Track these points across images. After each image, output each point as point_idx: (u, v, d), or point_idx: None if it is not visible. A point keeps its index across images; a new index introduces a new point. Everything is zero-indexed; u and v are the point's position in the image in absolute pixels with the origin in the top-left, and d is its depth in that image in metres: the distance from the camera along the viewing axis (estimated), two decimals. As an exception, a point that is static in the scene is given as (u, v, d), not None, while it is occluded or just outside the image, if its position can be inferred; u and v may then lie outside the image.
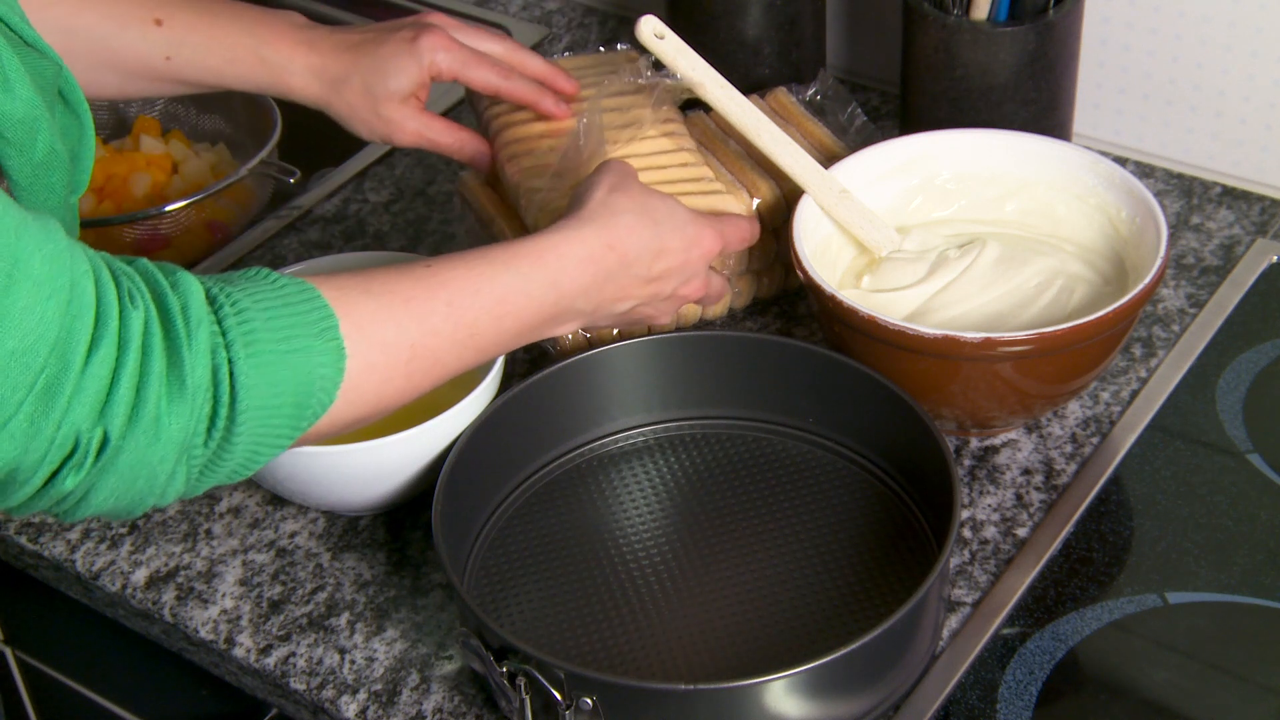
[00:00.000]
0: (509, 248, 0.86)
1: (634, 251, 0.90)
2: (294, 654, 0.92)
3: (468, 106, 1.36)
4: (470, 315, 0.83)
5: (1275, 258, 1.13)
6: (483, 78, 1.06)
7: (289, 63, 1.03)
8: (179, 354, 0.70)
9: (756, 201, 1.07)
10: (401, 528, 0.99)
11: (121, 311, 0.70)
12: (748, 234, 0.99)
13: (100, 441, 0.69)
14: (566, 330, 0.91)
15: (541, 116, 1.10)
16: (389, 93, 1.03)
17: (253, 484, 1.02)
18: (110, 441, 0.69)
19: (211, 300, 0.73)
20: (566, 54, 1.20)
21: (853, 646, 0.79)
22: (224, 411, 0.72)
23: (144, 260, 0.74)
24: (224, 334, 0.72)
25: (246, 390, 0.72)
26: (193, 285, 0.73)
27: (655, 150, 1.06)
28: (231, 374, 0.72)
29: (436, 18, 1.06)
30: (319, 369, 0.75)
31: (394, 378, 0.80)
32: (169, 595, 0.96)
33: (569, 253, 0.87)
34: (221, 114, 1.43)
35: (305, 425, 0.76)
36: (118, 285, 0.70)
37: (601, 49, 1.21)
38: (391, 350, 0.79)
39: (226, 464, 0.74)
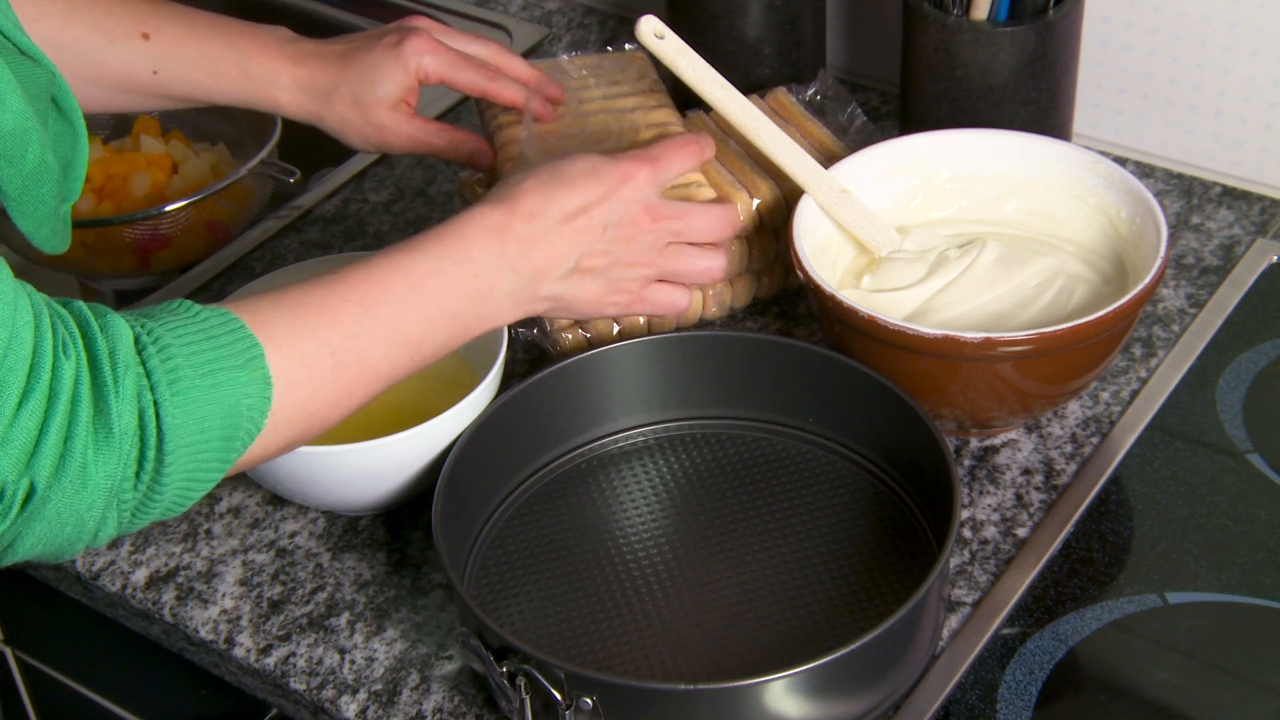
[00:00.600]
0: (414, 237, 0.87)
1: (537, 204, 0.89)
2: (294, 654, 0.92)
3: (470, 106, 1.36)
4: (387, 309, 0.83)
5: (1275, 258, 1.13)
6: (469, 80, 1.06)
7: (275, 77, 1.03)
8: (106, 402, 0.71)
9: (756, 201, 1.07)
10: (401, 528, 0.99)
11: (55, 363, 0.69)
12: (693, 149, 0.97)
13: (26, 492, 0.69)
14: (518, 313, 0.91)
15: (539, 117, 1.10)
16: (378, 100, 1.03)
17: (253, 484, 1.02)
18: (37, 491, 0.69)
19: (138, 341, 0.73)
20: (573, 53, 1.20)
21: (853, 646, 0.79)
22: (151, 454, 0.72)
23: (79, 303, 0.74)
24: (149, 375, 0.72)
25: (173, 430, 0.72)
26: (121, 329, 0.73)
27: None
28: (158, 416, 0.72)
29: (421, 21, 1.07)
30: (244, 399, 0.75)
31: (321, 389, 0.80)
32: (169, 595, 0.96)
33: (472, 224, 0.88)
34: (221, 114, 1.43)
35: (235, 455, 0.76)
36: (54, 333, 0.70)
37: (609, 48, 1.21)
38: (314, 363, 0.79)
39: (159, 504, 0.74)
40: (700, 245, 0.98)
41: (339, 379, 0.80)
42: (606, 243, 0.92)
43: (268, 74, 1.03)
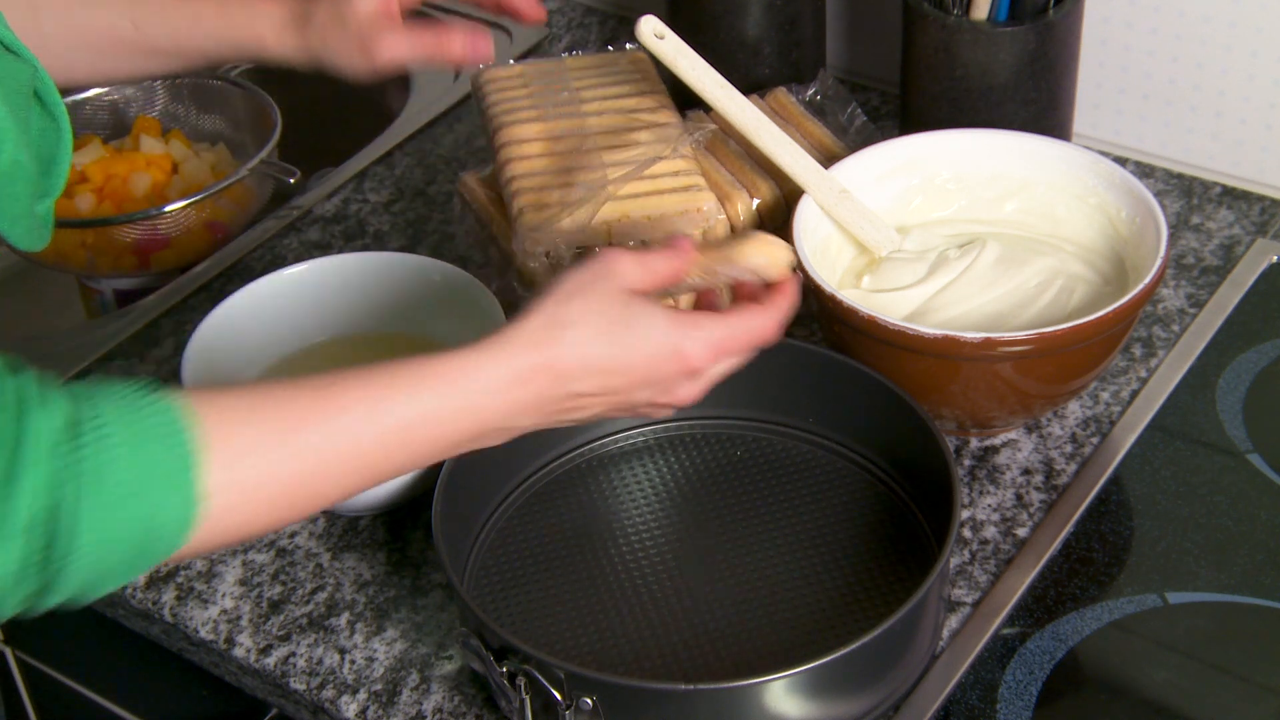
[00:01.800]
0: (422, 367, 0.77)
1: (576, 369, 0.79)
2: (294, 654, 0.92)
3: (470, 106, 1.37)
4: (365, 445, 0.75)
5: (1275, 258, 1.13)
6: None
7: (254, 12, 1.00)
8: (12, 488, 0.66)
9: (756, 201, 1.07)
10: (401, 528, 0.99)
11: None
12: (760, 334, 0.83)
13: None
14: (503, 440, 0.81)
15: (539, 116, 1.10)
16: (357, 10, 0.99)
17: (253, 484, 1.02)
18: None
19: (72, 428, 0.68)
20: (573, 53, 1.20)
21: (853, 646, 0.79)
22: (58, 549, 0.67)
23: (25, 376, 0.70)
24: (75, 464, 0.67)
25: (81, 532, 0.67)
26: (52, 416, 0.68)
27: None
28: (70, 512, 0.67)
29: None
30: (160, 517, 0.69)
31: (258, 519, 0.73)
32: (169, 595, 0.96)
33: (491, 375, 0.77)
34: (221, 114, 1.43)
35: (148, 565, 0.71)
36: None
37: (609, 48, 1.21)
38: (264, 489, 0.72)
39: (59, 594, 0.70)
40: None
41: (278, 509, 0.73)
42: (638, 405, 0.84)
43: (247, 11, 1.00)
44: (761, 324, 0.82)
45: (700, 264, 0.85)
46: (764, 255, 0.85)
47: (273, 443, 0.72)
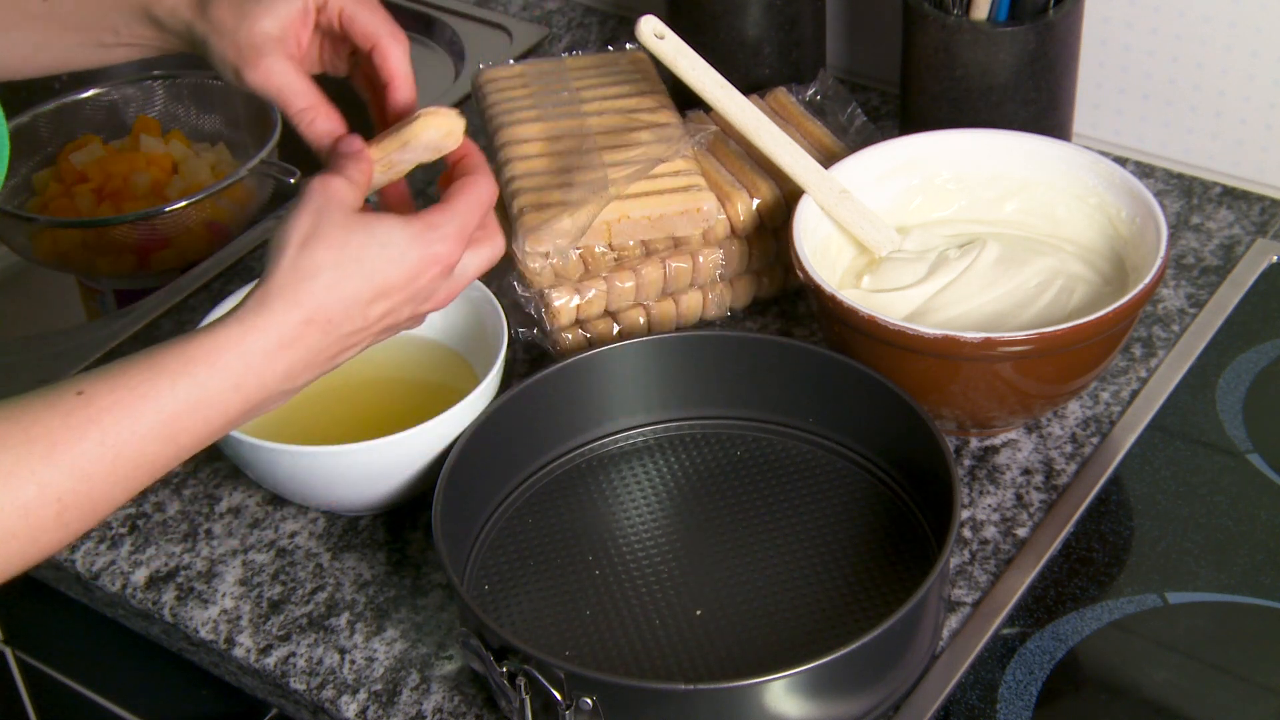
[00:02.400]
0: (182, 351, 0.74)
1: (340, 312, 0.78)
2: (294, 654, 0.92)
3: (469, 106, 1.37)
4: (133, 447, 0.72)
5: (1275, 258, 1.13)
6: (367, 24, 0.92)
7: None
8: None
9: (756, 201, 1.07)
10: (401, 528, 0.99)
11: None
12: (485, 199, 0.84)
13: None
14: (285, 401, 0.80)
15: (539, 116, 1.10)
16: (261, 17, 0.90)
17: (253, 484, 1.02)
18: None
19: None
20: (573, 53, 1.20)
21: (853, 646, 0.79)
22: None
23: None
24: None
25: None
26: None
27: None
28: None
29: None
30: None
31: (42, 536, 0.71)
32: (169, 595, 0.96)
33: (253, 347, 0.75)
34: (221, 114, 1.43)
35: None
36: None
37: (609, 48, 1.21)
38: (35, 511, 0.70)
39: None
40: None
41: (63, 522, 0.71)
42: (400, 321, 0.83)
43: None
44: (480, 190, 0.84)
45: (380, 160, 0.86)
46: (436, 128, 0.86)
47: (32, 463, 0.69)
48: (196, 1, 0.92)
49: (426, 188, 1.29)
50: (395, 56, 0.93)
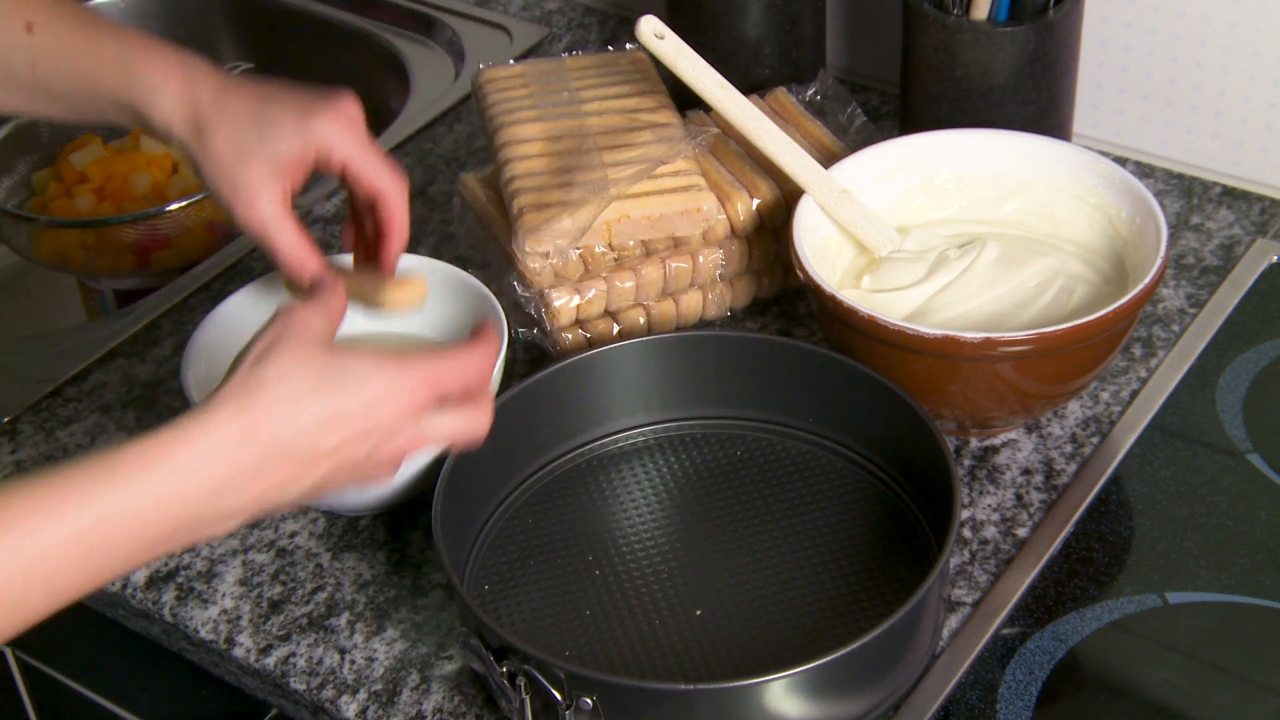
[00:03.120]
0: (108, 458, 0.70)
1: (287, 431, 0.73)
2: (294, 654, 0.92)
3: (470, 105, 1.37)
4: (46, 564, 0.68)
5: (1275, 258, 1.13)
6: (374, 177, 0.90)
7: (158, 87, 0.89)
8: None
9: (756, 201, 1.07)
10: (401, 528, 0.99)
11: None
12: (474, 369, 0.80)
13: None
14: (229, 529, 0.74)
15: (539, 116, 1.10)
16: (257, 156, 0.88)
17: (253, 484, 1.02)
18: None
19: None
20: (573, 53, 1.20)
21: (853, 646, 0.79)
22: None
23: None
24: None
25: None
26: None
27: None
28: None
29: (351, 97, 0.91)
30: None
31: None
32: (169, 595, 0.96)
33: (188, 454, 0.70)
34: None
35: None
36: None
37: (609, 48, 1.21)
38: None
39: None
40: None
41: None
42: (355, 462, 0.77)
43: (152, 83, 0.89)
44: (472, 359, 0.79)
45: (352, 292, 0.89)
46: (418, 302, 0.91)
47: None
48: (192, 126, 0.89)
49: (427, 187, 1.29)
50: (400, 213, 0.92)
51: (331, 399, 0.74)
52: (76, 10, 0.93)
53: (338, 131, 0.88)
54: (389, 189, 0.91)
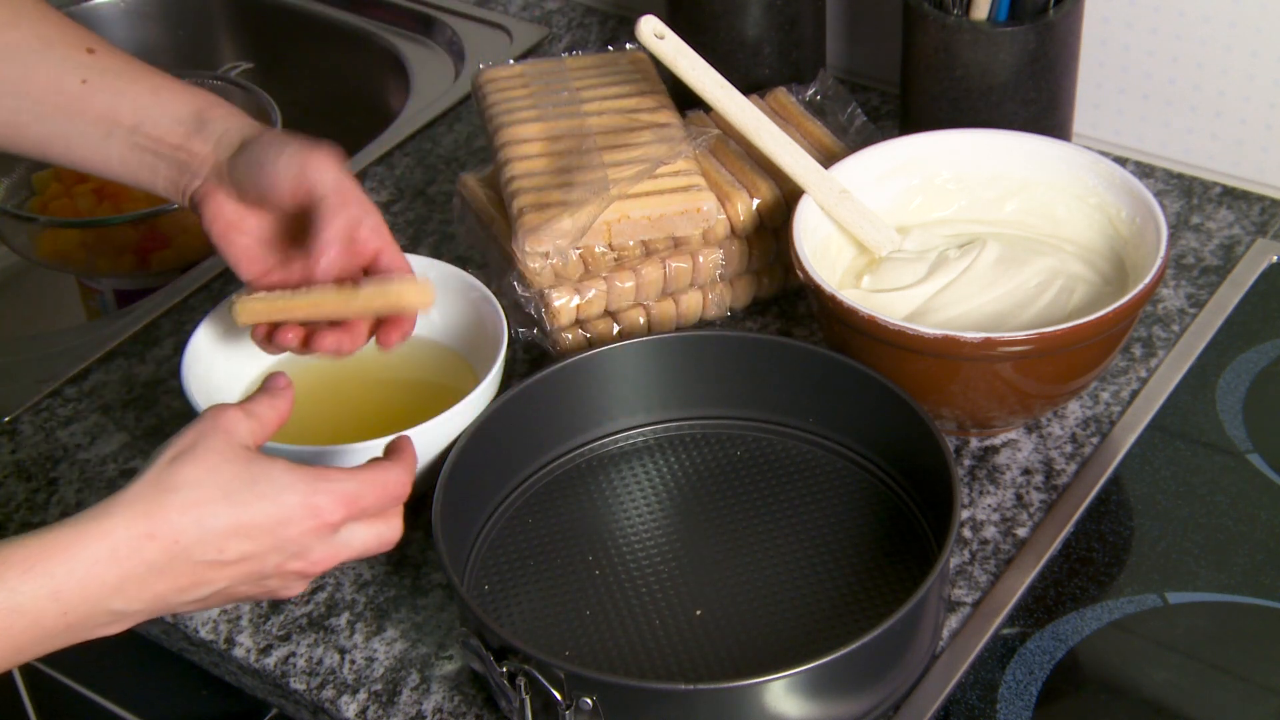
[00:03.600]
0: (3, 550, 0.69)
1: (191, 537, 0.72)
2: (294, 654, 0.92)
3: (469, 106, 1.37)
4: None
5: (1275, 258, 1.13)
6: (347, 217, 0.91)
7: (222, 121, 0.93)
8: None
9: (756, 201, 1.07)
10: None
11: None
12: (393, 488, 0.79)
13: None
14: (121, 629, 0.74)
15: (539, 116, 1.10)
16: (248, 179, 0.91)
17: (253, 484, 1.02)
18: None
19: None
20: (573, 53, 1.20)
21: (853, 646, 0.79)
22: None
23: None
24: None
25: None
26: None
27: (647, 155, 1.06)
28: None
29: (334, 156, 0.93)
30: None
31: None
32: (169, 595, 0.96)
33: (81, 554, 0.70)
34: (221, 114, 1.43)
35: None
36: None
37: (609, 48, 1.21)
38: None
39: None
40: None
41: None
42: (262, 577, 0.77)
43: (219, 117, 0.93)
44: (392, 477, 0.79)
45: (349, 302, 0.91)
46: (424, 303, 0.92)
47: None
48: (240, 140, 0.93)
49: (426, 187, 1.29)
50: (390, 252, 0.93)
51: (242, 509, 0.73)
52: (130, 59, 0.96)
53: (331, 173, 0.90)
54: (371, 235, 0.93)
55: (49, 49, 0.93)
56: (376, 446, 0.91)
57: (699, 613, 0.90)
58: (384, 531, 0.80)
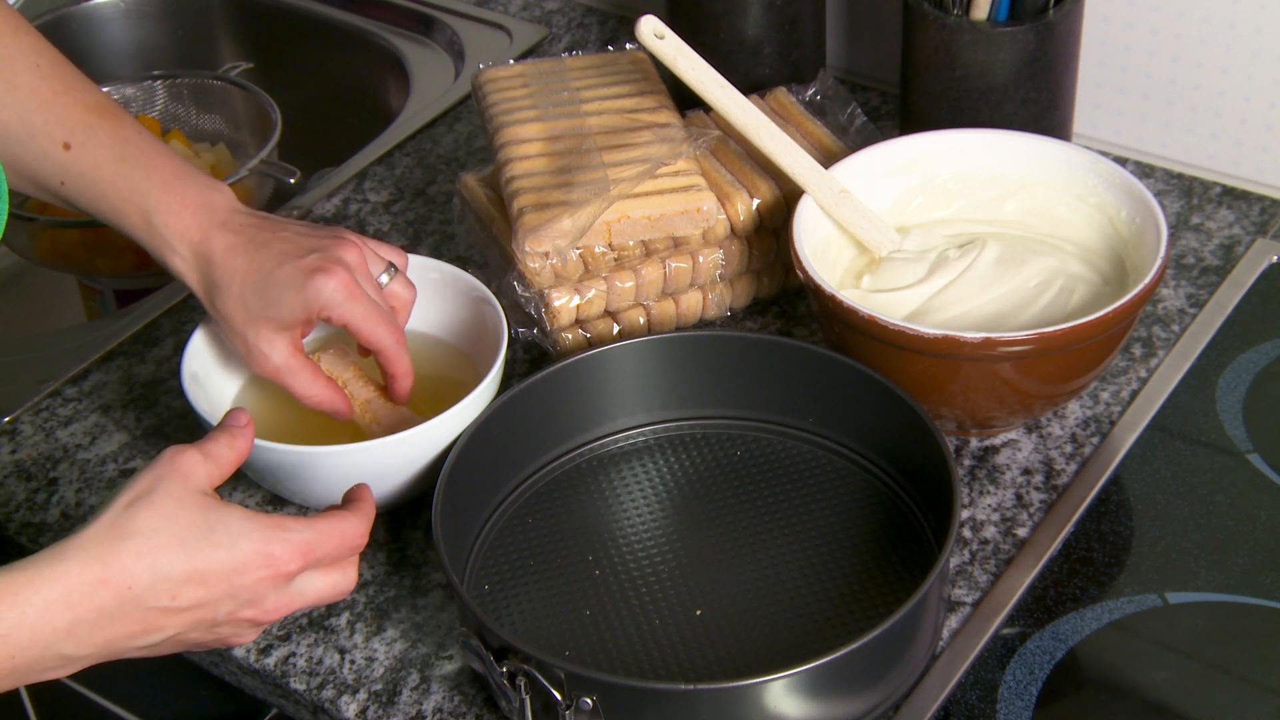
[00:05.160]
0: None
1: (144, 583, 0.72)
2: (294, 654, 0.92)
3: (469, 106, 1.37)
4: None
5: (1275, 258, 1.13)
6: (371, 335, 0.93)
7: (175, 240, 0.93)
8: None
9: (756, 201, 1.07)
10: (401, 528, 0.99)
11: None
12: (350, 538, 0.80)
13: None
14: (71, 672, 0.74)
15: (539, 116, 1.10)
16: (264, 318, 0.92)
17: (253, 484, 1.02)
18: None
19: None
20: (573, 53, 1.20)
21: (853, 646, 0.79)
22: None
23: None
24: None
25: None
26: None
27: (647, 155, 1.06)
28: None
29: (352, 245, 0.94)
30: None
31: None
32: (169, 595, 0.96)
33: (32, 598, 0.70)
34: (221, 114, 1.43)
35: None
36: None
37: (609, 48, 1.21)
38: None
39: None
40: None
41: None
42: (214, 624, 0.77)
43: (171, 235, 0.93)
44: (349, 527, 0.80)
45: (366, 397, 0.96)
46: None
47: None
48: (204, 287, 0.94)
49: (426, 187, 1.29)
50: (401, 363, 0.96)
51: (196, 556, 0.74)
52: (116, 127, 0.95)
53: (337, 294, 0.91)
54: (387, 344, 0.94)
55: (32, 140, 0.94)
56: (377, 447, 0.92)
57: (699, 613, 0.90)
58: (339, 581, 0.80)
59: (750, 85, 1.18)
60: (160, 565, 0.73)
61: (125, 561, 0.72)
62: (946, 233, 1.06)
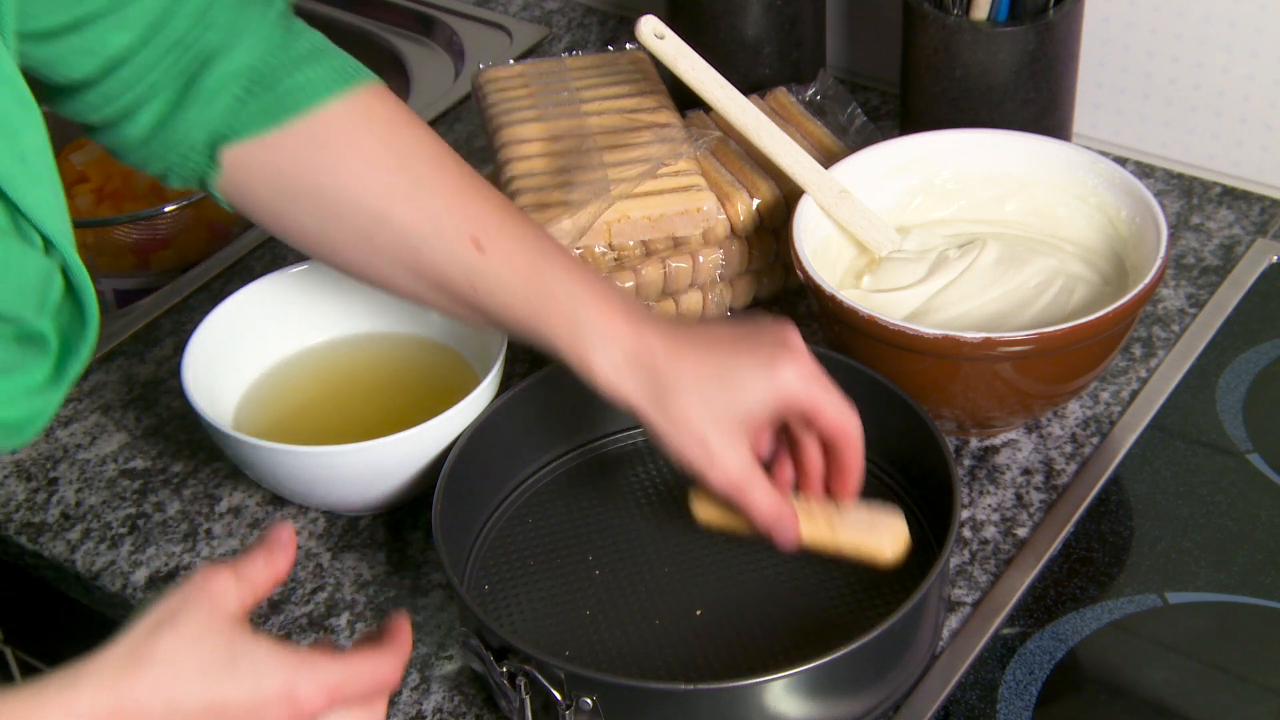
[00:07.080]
0: None
1: (160, 713, 0.68)
2: (294, 654, 0.92)
3: (469, 106, 1.37)
4: None
5: (1275, 258, 1.13)
6: (836, 418, 0.84)
7: (602, 336, 0.85)
8: None
9: (756, 201, 1.07)
10: (401, 528, 0.99)
11: None
12: (382, 678, 0.74)
13: None
14: None
15: (539, 116, 1.10)
16: (728, 417, 0.83)
17: (253, 484, 1.02)
18: None
19: None
20: (573, 53, 1.20)
21: (853, 646, 0.79)
22: None
23: None
24: None
25: None
26: None
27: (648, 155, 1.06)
28: None
29: (792, 328, 0.86)
30: None
31: None
32: (169, 595, 0.96)
33: (48, 709, 0.67)
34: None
35: None
36: None
37: (609, 48, 1.21)
38: None
39: None
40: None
41: None
42: None
43: (597, 329, 0.85)
44: (382, 666, 0.74)
45: (824, 533, 0.87)
46: (898, 550, 0.86)
47: None
48: (648, 390, 0.84)
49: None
50: (859, 454, 0.87)
51: (218, 688, 0.69)
52: (524, 227, 0.88)
53: (803, 379, 0.84)
54: (852, 431, 0.85)
55: (438, 238, 0.87)
56: (377, 446, 0.91)
57: (699, 613, 0.90)
58: (363, 717, 0.75)
59: (750, 85, 1.18)
60: (177, 696, 0.69)
61: (140, 693, 0.68)
62: (946, 233, 1.06)
